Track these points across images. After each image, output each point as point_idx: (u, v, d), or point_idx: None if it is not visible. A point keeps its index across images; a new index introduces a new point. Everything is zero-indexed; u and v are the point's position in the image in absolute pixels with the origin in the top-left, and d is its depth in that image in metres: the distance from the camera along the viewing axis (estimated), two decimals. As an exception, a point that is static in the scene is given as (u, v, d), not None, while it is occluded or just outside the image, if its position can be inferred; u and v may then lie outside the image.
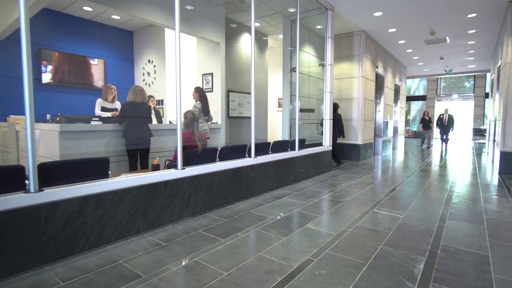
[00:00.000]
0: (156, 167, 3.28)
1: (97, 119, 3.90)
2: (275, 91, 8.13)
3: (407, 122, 16.68)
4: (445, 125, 10.99)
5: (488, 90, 13.61)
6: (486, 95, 14.47)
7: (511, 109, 5.32)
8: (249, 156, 3.84)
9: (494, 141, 6.91)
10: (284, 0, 5.24)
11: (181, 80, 2.93)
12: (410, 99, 17.31)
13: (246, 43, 6.53)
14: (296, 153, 4.71)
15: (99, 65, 6.81)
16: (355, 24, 6.54)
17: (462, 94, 15.90)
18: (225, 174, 3.35)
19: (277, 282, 1.77)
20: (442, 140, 11.32)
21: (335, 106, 6.19)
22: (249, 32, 6.02)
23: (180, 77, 2.92)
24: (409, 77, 13.53)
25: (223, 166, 3.34)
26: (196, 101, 4.71)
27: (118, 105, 4.38)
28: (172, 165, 3.05)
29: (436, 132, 12.62)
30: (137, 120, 3.92)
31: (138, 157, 3.92)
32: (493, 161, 6.66)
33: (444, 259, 2.09)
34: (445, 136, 11.16)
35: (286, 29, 5.99)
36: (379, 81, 8.29)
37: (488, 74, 13.54)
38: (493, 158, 6.68)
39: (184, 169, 2.91)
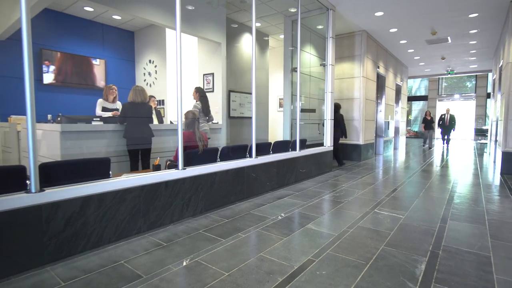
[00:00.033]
0: (157, 167, 3.28)
1: (98, 119, 3.91)
2: (276, 91, 8.12)
3: (408, 122, 16.66)
4: (446, 125, 10.96)
5: (490, 90, 13.56)
6: (488, 95, 14.43)
7: (513, 109, 5.30)
8: (250, 156, 3.84)
9: (496, 141, 6.89)
10: (285, 0, 5.24)
11: (182, 80, 2.93)
12: (412, 99, 17.28)
13: (247, 43, 6.53)
14: (297, 153, 4.70)
15: (100, 65, 6.82)
16: (356, 24, 6.53)
17: (463, 94, 15.85)
18: (226, 174, 3.35)
19: (278, 283, 1.76)
20: (443, 140, 11.29)
21: (337, 107, 6.18)
22: (250, 32, 6.04)
23: (181, 77, 2.92)
24: (410, 77, 13.50)
25: (224, 166, 3.34)
26: (196, 101, 4.72)
27: (119, 105, 4.38)
28: (173, 165, 3.05)
29: (438, 132, 12.60)
30: (138, 120, 3.92)
31: (139, 157, 3.93)
32: (494, 162, 6.64)
33: (445, 259, 2.08)
34: (446, 136, 11.13)
35: (287, 29, 5.99)
36: (380, 81, 8.28)
37: (490, 74, 13.50)
38: (495, 159, 6.66)
39: (185, 169, 2.91)
